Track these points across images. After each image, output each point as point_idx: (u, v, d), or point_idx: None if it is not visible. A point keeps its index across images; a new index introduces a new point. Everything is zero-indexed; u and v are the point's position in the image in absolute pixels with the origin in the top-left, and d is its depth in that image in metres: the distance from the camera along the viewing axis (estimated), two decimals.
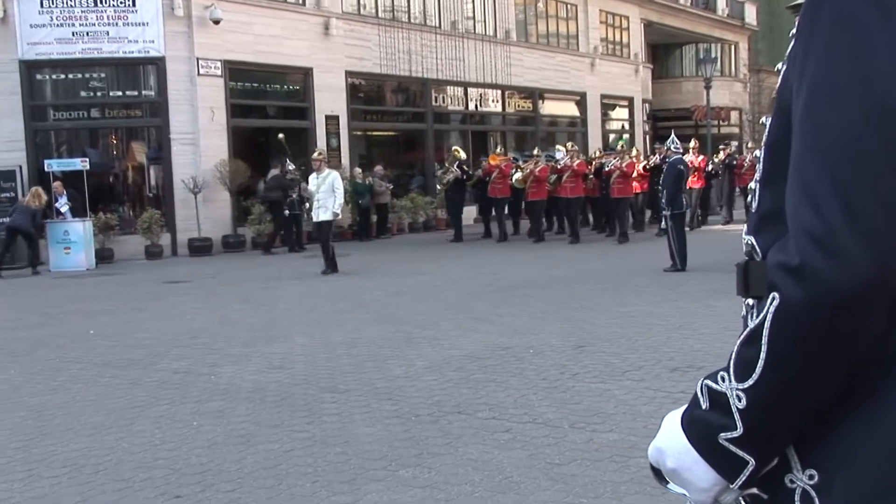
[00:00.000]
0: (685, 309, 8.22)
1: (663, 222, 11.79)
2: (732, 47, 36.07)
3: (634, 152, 17.71)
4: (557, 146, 18.52)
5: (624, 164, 15.95)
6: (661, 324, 7.48)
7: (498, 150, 19.09)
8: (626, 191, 15.94)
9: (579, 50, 27.22)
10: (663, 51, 35.29)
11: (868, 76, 0.94)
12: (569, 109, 27.56)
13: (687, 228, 17.06)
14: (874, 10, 0.95)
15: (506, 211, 17.37)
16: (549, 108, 26.55)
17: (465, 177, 17.71)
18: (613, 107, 29.38)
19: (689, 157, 17.89)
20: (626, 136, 28.44)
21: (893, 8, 0.95)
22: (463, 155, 18.28)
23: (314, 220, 12.88)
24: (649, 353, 6.28)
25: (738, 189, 19.64)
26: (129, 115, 17.48)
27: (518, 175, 16.69)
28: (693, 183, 17.33)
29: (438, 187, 18.71)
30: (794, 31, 1.05)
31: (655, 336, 6.93)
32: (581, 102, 27.43)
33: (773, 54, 36.85)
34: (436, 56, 21.88)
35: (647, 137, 30.51)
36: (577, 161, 16.42)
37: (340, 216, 13.87)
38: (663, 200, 11.52)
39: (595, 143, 24.98)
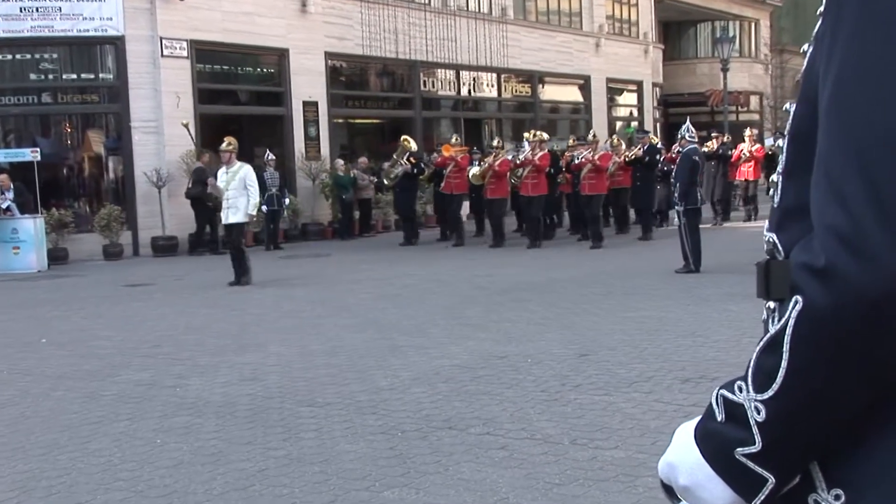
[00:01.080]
0: (699, 314, 8.24)
1: (675, 219, 11.82)
2: (752, 25, 36.16)
3: (607, 143, 17.24)
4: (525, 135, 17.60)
5: (597, 157, 15.35)
6: (672, 330, 7.50)
7: (454, 139, 17.94)
8: (598, 187, 15.28)
9: (583, 29, 27.29)
10: (676, 29, 35.40)
11: None
12: (571, 94, 27.62)
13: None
14: None
15: (463, 209, 17.02)
16: (550, 93, 26.60)
17: (415, 171, 17.17)
18: (621, 91, 29.44)
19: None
20: (634, 123, 28.54)
21: None
22: (413, 145, 17.61)
23: (223, 221, 12.29)
24: (659, 363, 6.30)
25: (735, 183, 19.67)
26: (85, 101, 17.42)
27: (475, 169, 16.24)
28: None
29: (386, 182, 17.97)
30: (821, 8, 1.06)
31: (665, 344, 6.95)
32: (585, 87, 27.49)
33: (798, 33, 36.69)
34: (425, 36, 21.90)
35: (658, 125, 30.59)
36: (540, 154, 15.50)
37: (255, 217, 13.44)
38: (676, 195, 11.55)
39: (601, 132, 24.90)
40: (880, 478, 0.99)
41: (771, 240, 1.12)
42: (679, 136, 12.33)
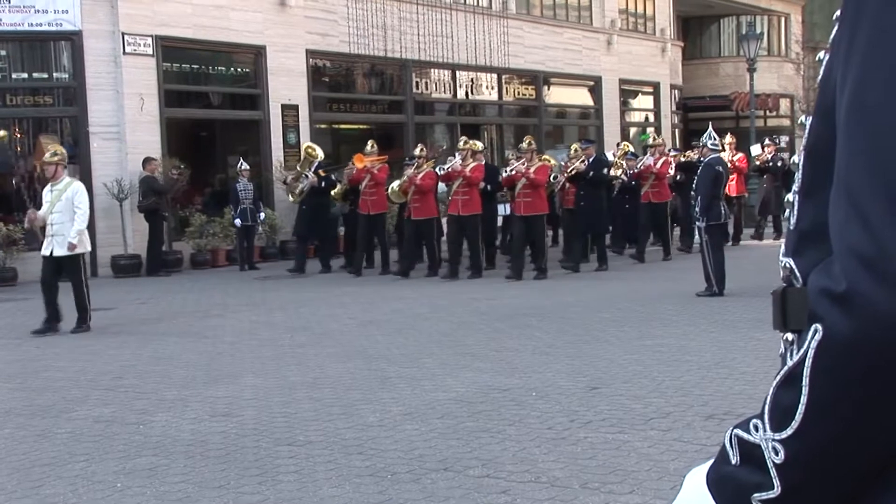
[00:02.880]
0: (723, 342, 8.26)
1: (696, 235, 11.86)
2: (782, 20, 36.33)
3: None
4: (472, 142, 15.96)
5: (532, 170, 14.02)
6: (694, 360, 7.51)
7: (369, 146, 16.17)
8: (537, 206, 14.07)
9: (593, 25, 27.43)
10: (697, 25, 35.56)
11: None
12: (580, 97, 27.72)
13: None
14: None
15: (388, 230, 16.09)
16: (557, 95, 26.70)
17: (323, 184, 15.82)
18: (635, 94, 29.57)
19: (647, 160, 16.49)
20: (650, 129, 28.62)
21: None
22: (319, 153, 16.19)
23: (44, 252, 10.57)
24: (679, 397, 6.31)
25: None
26: (37, 103, 17.45)
27: (395, 184, 15.16)
28: (655, 196, 16.27)
29: (291, 199, 16.72)
30: (838, 12, 1.09)
31: (686, 375, 6.96)
32: (595, 89, 27.59)
33: (830, 34, 36.88)
34: (417, 32, 21.99)
35: (677, 131, 30.71)
36: (472, 165, 14.41)
37: (88, 248, 11.20)
38: (697, 209, 11.58)
39: (612, 138, 25.09)
40: None
41: (788, 265, 1.13)
42: (700, 143, 12.39)
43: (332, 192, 16.08)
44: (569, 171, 15.23)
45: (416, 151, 15.44)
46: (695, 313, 10.01)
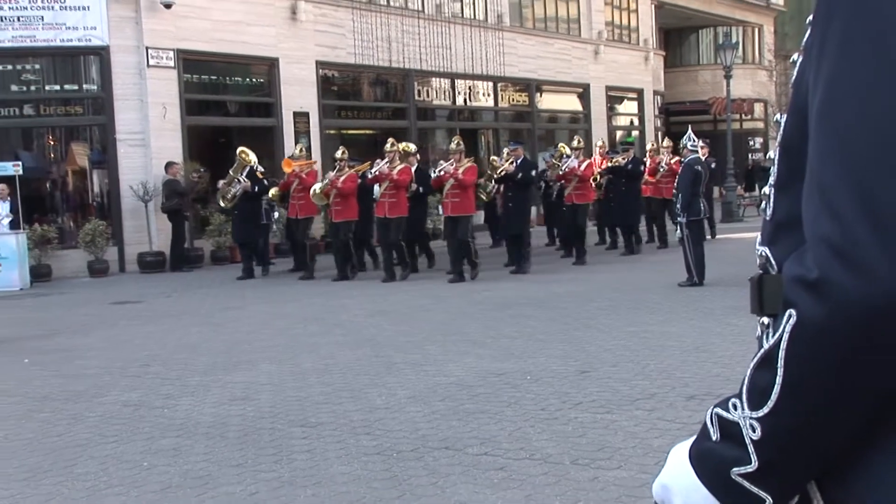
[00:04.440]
0: (703, 328, 8.26)
1: (678, 230, 11.85)
2: (756, 31, 36.33)
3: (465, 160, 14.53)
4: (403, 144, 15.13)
5: (461, 171, 13.18)
6: (676, 345, 7.51)
7: (297, 150, 15.18)
8: (464, 207, 13.17)
9: (581, 36, 27.41)
10: (677, 36, 35.55)
11: (892, 68, 0.94)
12: (570, 103, 27.71)
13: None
14: None
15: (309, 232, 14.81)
16: (548, 101, 26.70)
17: (256, 189, 14.66)
18: (621, 100, 29.56)
19: (571, 163, 15.10)
20: (634, 132, 28.62)
21: None
22: (252, 158, 14.88)
23: None
24: (662, 379, 6.31)
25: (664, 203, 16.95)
26: (69, 113, 17.44)
27: (317, 187, 14.00)
28: (578, 197, 14.83)
29: (223, 205, 15.31)
30: (811, 17, 1.08)
31: (669, 359, 6.96)
32: (584, 95, 27.59)
33: (803, 39, 36.94)
34: (419, 44, 21.97)
35: (660, 134, 30.67)
36: (399, 168, 13.49)
37: None
38: (678, 206, 11.58)
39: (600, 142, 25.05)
40: (882, 498, 0.99)
41: (764, 254, 1.13)
42: (681, 145, 12.38)
43: (270, 193, 15.06)
44: (498, 172, 14.26)
45: (338, 154, 14.36)
46: (677, 302, 10.01)
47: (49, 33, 16.51)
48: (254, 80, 19.56)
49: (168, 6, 17.00)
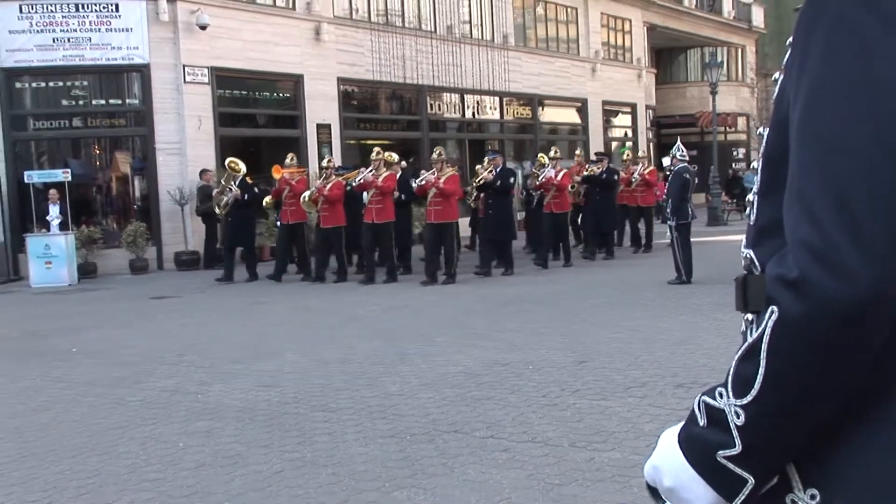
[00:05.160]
0: (690, 323, 8.23)
1: (668, 233, 11.82)
2: (739, 51, 36.19)
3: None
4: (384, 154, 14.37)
5: (443, 180, 12.42)
6: (665, 338, 7.48)
7: (289, 159, 14.37)
8: (447, 214, 12.55)
9: (580, 55, 27.34)
10: (667, 55, 35.43)
11: (870, 86, 0.94)
12: (569, 116, 27.65)
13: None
14: (875, 19, 0.95)
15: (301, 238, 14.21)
16: (549, 115, 26.64)
17: (246, 197, 14.05)
18: (616, 113, 29.48)
19: (548, 172, 14.25)
20: (628, 143, 28.53)
21: (890, 12, 0.95)
22: (242, 168, 14.27)
23: None
24: (653, 369, 6.29)
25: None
26: (113, 125, 17.48)
27: (305, 194, 13.48)
28: (556, 206, 14.07)
29: (217, 212, 14.63)
30: (790, 39, 1.07)
31: (659, 351, 6.94)
32: (582, 109, 27.53)
33: (782, 58, 36.83)
34: (431, 62, 21.96)
35: (651, 145, 30.60)
36: (385, 175, 12.88)
37: None
38: (668, 210, 11.57)
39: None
40: (855, 479, 0.99)
41: (748, 256, 1.13)
42: (671, 155, 12.35)
43: (264, 202, 14.57)
44: (477, 181, 13.66)
45: (324, 163, 13.86)
46: (667, 298, 9.98)
47: (96, 53, 16.57)
48: (281, 94, 19.57)
49: (203, 27, 17.03)
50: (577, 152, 18.82)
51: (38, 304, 12.77)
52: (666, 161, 19.29)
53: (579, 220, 16.39)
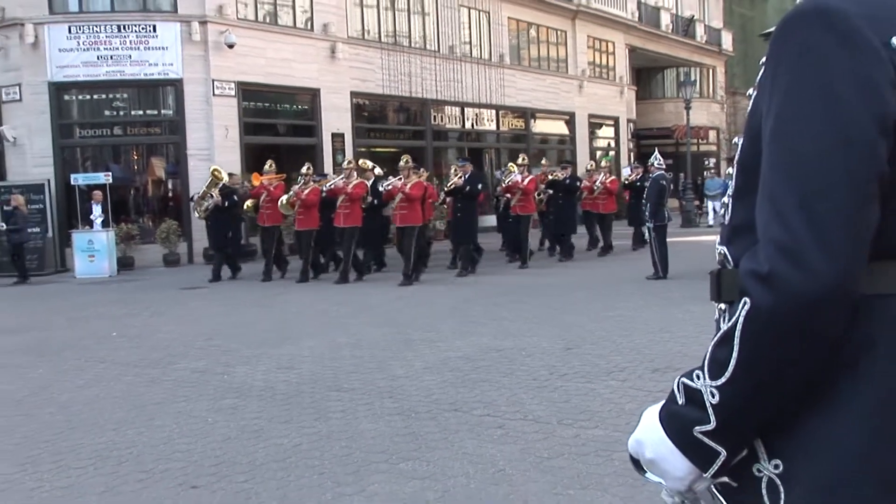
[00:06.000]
0: (666, 314, 8.22)
1: (645, 234, 11.81)
2: (710, 71, 36.14)
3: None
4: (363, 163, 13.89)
5: (408, 186, 11.77)
6: (644, 327, 7.47)
7: (268, 165, 13.98)
8: (411, 218, 11.87)
9: (568, 73, 27.29)
10: (646, 74, 35.35)
11: (830, 104, 0.96)
12: (559, 128, 27.61)
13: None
14: (834, 42, 0.97)
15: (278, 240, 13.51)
16: (541, 126, 26.60)
17: (226, 203, 13.52)
18: (600, 126, 29.42)
19: (515, 177, 13.78)
20: (611, 153, 28.50)
21: (851, 39, 0.97)
22: (225, 176, 13.92)
23: None
24: (632, 355, 6.28)
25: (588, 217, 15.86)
26: (150, 133, 17.50)
27: (283, 198, 12.99)
28: (521, 209, 13.50)
29: (198, 215, 14.30)
30: (763, 59, 1.08)
31: (638, 339, 6.93)
32: (570, 122, 27.48)
33: (747, 77, 36.94)
34: (434, 78, 21.94)
35: (632, 155, 30.54)
36: (354, 182, 12.31)
37: None
38: (647, 213, 11.59)
39: (583, 159, 24.97)
40: (813, 450, 1.00)
41: (722, 252, 1.13)
42: (649, 163, 12.35)
43: (245, 206, 13.88)
44: (448, 186, 13.01)
45: (303, 170, 13.24)
46: (645, 292, 9.97)
47: (135, 69, 16.59)
48: (299, 106, 19.55)
49: (231, 46, 17.01)
50: (544, 161, 18.56)
51: (81, 293, 12.77)
52: (625, 172, 18.92)
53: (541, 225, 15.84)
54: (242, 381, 6.02)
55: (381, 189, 12.57)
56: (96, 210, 15.24)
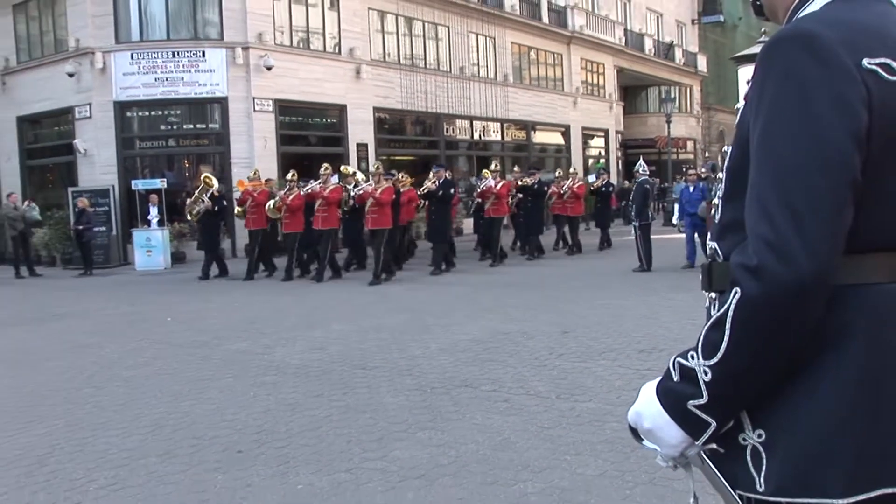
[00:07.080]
0: (651, 302, 8.19)
1: (632, 231, 11.77)
2: (688, 89, 35.94)
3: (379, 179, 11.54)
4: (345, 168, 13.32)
5: (379, 191, 11.17)
6: (631, 314, 7.45)
7: (252, 172, 13.42)
8: (382, 221, 11.17)
9: (564, 90, 27.18)
10: (633, 91, 35.15)
11: (810, 118, 0.96)
12: (555, 139, 27.51)
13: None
14: (813, 63, 0.97)
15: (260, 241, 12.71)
16: (540, 137, 26.52)
17: (216, 208, 12.97)
18: (592, 137, 29.30)
19: (489, 182, 13.22)
20: (602, 160, 28.38)
21: (828, 60, 0.97)
22: (215, 183, 13.32)
23: None
24: (621, 338, 6.26)
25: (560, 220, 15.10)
26: (199, 144, 17.56)
27: (270, 203, 12.37)
28: (494, 211, 12.91)
29: (189, 218, 13.74)
30: (750, 76, 1.07)
31: (626, 324, 6.91)
32: (565, 133, 27.38)
33: (720, 95, 36.97)
34: (447, 95, 21.90)
35: (620, 162, 30.43)
36: (331, 187, 11.66)
37: None
38: (633, 213, 11.56)
39: (578, 168, 24.85)
40: (793, 422, 1.00)
41: (713, 247, 1.13)
42: (635, 170, 12.31)
43: (236, 211, 13.39)
44: (422, 190, 12.44)
45: (288, 177, 12.51)
46: (632, 283, 9.93)
47: (187, 88, 16.65)
48: (328, 120, 19.54)
49: (269, 68, 17.03)
50: (516, 168, 18.37)
51: (141, 283, 12.84)
52: (591, 178, 18.40)
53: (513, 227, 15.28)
54: (280, 360, 6.04)
55: (353, 192, 12.07)
56: (153, 211, 15.34)
